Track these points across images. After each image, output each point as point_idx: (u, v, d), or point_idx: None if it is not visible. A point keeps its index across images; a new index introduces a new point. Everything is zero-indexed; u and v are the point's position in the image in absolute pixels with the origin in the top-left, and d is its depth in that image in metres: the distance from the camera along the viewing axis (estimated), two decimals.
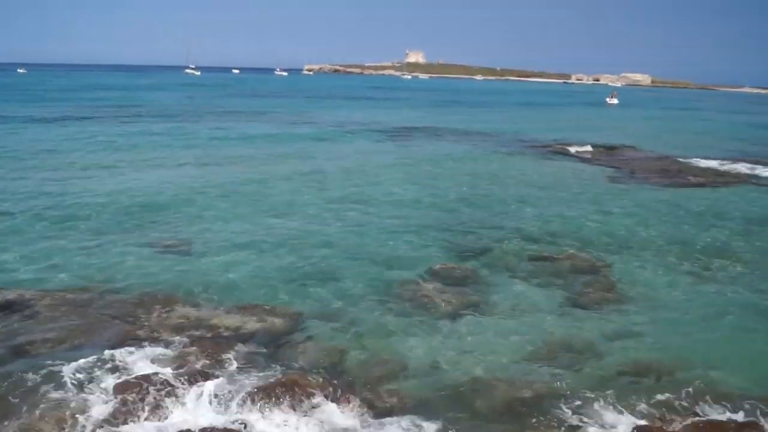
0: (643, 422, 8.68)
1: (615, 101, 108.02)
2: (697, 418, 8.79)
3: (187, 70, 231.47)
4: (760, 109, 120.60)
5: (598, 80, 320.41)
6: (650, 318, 12.70)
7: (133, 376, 9.25)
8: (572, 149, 38.56)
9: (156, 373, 9.26)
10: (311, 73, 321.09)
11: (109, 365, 9.71)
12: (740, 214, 21.92)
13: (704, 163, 34.67)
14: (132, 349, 10.26)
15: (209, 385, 8.98)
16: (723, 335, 11.99)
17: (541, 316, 12.69)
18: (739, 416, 8.86)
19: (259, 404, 8.59)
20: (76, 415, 8.32)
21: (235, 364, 9.91)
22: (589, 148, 38.81)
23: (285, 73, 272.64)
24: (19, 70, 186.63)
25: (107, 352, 10.07)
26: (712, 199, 24.69)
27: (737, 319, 12.76)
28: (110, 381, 9.21)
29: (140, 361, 9.86)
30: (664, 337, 11.81)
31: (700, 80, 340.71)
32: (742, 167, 33.48)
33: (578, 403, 9.21)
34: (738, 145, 45.65)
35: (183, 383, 8.99)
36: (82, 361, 9.76)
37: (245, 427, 8.10)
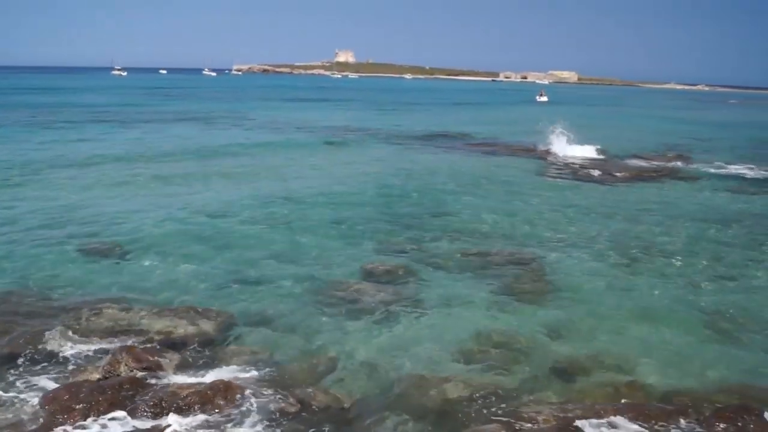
0: (572, 416, 8.76)
1: (545, 99, 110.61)
2: (627, 412, 8.93)
3: (114, 72, 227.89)
4: (686, 104, 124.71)
5: (525, 78, 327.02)
6: (582, 313, 12.96)
7: (62, 385, 9.03)
8: (508, 147, 39.25)
9: (86, 381, 9.07)
10: (240, 73, 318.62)
11: (35, 375, 9.48)
12: (665, 208, 22.75)
13: (633, 159, 35.78)
14: (60, 356, 10.03)
15: (140, 391, 8.85)
16: (652, 328, 12.29)
17: (474, 312, 12.88)
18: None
19: (191, 408, 8.52)
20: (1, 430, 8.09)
21: (166, 368, 9.76)
22: (524, 146, 39.47)
23: (214, 74, 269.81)
24: None
25: (33, 361, 9.83)
26: (641, 195, 25.59)
27: (665, 311, 13.14)
28: (37, 391, 8.98)
29: (69, 370, 9.65)
30: (595, 331, 12.10)
31: (626, 77, 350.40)
32: (671, 162, 34.77)
33: (510, 399, 9.38)
34: (666, 140, 47.28)
35: (113, 390, 8.80)
36: (5, 370, 9.51)
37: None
